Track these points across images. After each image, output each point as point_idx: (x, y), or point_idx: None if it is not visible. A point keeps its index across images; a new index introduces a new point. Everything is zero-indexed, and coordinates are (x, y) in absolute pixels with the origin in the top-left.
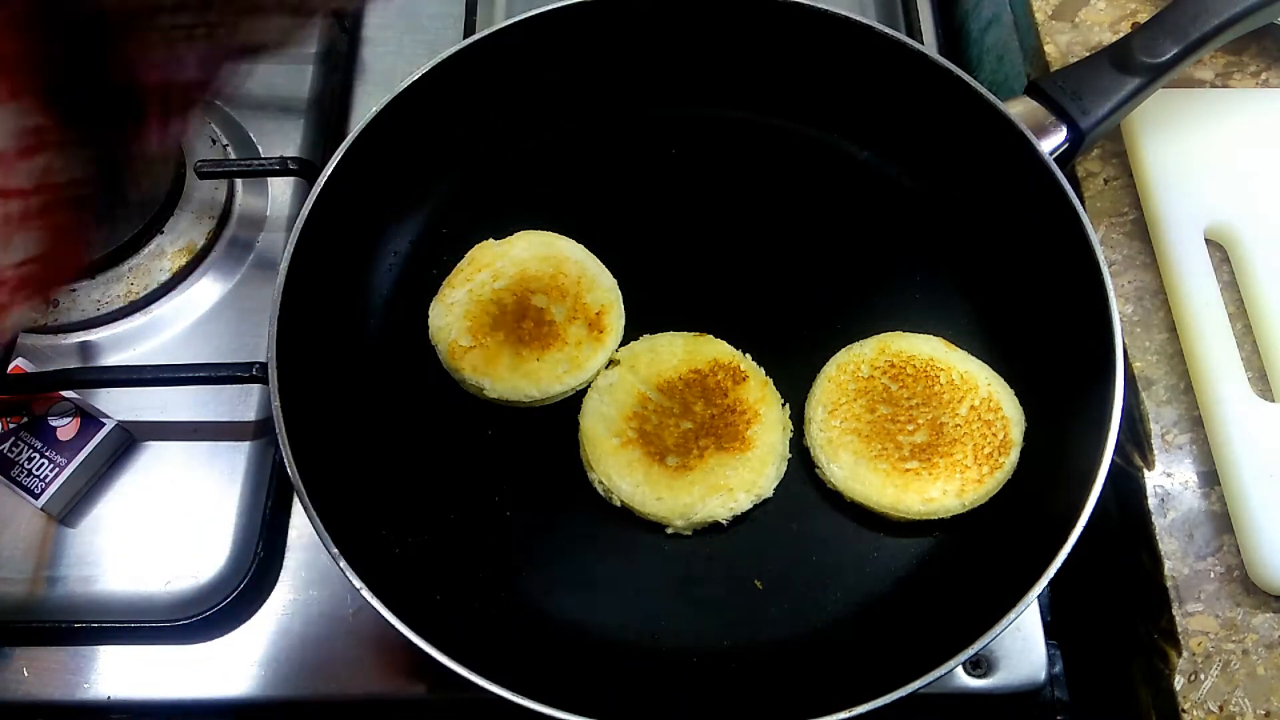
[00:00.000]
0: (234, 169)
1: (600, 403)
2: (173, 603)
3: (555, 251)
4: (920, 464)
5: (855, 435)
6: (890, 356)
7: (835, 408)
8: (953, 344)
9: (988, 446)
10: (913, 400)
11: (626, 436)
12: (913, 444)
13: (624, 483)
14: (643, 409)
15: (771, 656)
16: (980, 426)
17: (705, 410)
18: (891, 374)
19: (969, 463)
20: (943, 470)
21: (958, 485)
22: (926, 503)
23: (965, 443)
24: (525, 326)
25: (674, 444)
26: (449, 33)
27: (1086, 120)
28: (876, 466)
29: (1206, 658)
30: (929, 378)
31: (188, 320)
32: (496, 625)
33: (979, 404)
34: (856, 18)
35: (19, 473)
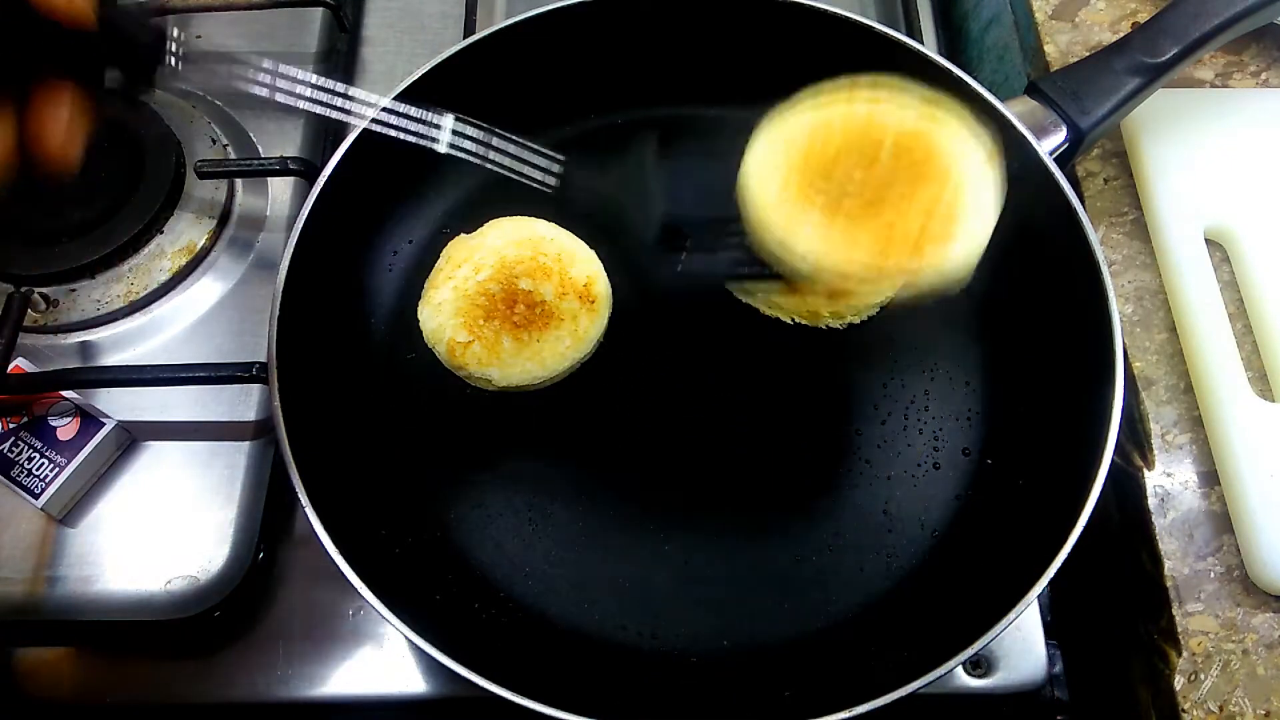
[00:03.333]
0: (234, 169)
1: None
2: (173, 603)
3: (530, 234)
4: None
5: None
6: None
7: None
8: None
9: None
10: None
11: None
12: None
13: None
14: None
15: (771, 656)
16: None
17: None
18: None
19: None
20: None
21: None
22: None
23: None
24: (518, 311)
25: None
26: (449, 33)
27: (1086, 120)
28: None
29: (1206, 658)
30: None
31: (188, 320)
32: (496, 625)
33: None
34: (857, 17)
35: (19, 473)
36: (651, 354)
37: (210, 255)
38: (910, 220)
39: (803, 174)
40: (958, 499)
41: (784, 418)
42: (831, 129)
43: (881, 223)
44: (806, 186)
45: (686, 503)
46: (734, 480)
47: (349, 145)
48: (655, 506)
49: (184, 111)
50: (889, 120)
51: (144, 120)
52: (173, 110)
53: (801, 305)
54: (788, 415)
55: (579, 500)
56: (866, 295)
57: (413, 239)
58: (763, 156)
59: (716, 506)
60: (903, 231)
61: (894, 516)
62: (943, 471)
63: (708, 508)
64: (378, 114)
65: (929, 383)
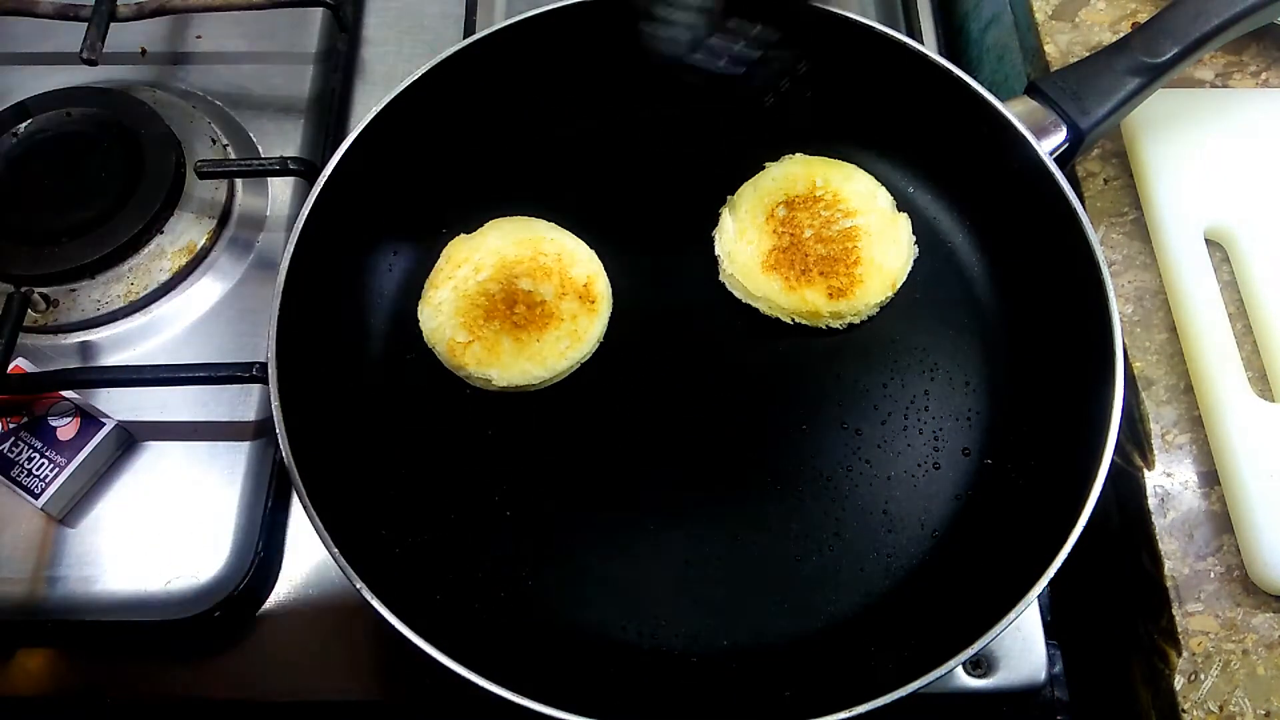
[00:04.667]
0: (234, 169)
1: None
2: (173, 603)
3: (530, 234)
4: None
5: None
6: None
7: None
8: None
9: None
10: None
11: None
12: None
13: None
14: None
15: (771, 656)
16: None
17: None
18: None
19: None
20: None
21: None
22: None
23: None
24: (518, 311)
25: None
26: (449, 33)
27: (1086, 120)
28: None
29: (1206, 658)
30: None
31: (188, 320)
32: (496, 625)
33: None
34: (856, 18)
35: (19, 473)
36: (651, 354)
37: (210, 255)
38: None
39: (768, 241)
40: (958, 499)
41: (784, 418)
42: (784, 199)
43: (822, 277)
44: (783, 266)
45: (686, 502)
46: (734, 480)
47: (349, 145)
48: (655, 506)
49: (184, 111)
50: (832, 189)
51: (144, 120)
52: (173, 110)
53: (801, 305)
54: (788, 415)
55: (579, 500)
56: (860, 302)
57: (413, 239)
58: (733, 225)
59: (716, 506)
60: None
61: (894, 516)
62: (943, 471)
63: (708, 507)
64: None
65: (929, 383)
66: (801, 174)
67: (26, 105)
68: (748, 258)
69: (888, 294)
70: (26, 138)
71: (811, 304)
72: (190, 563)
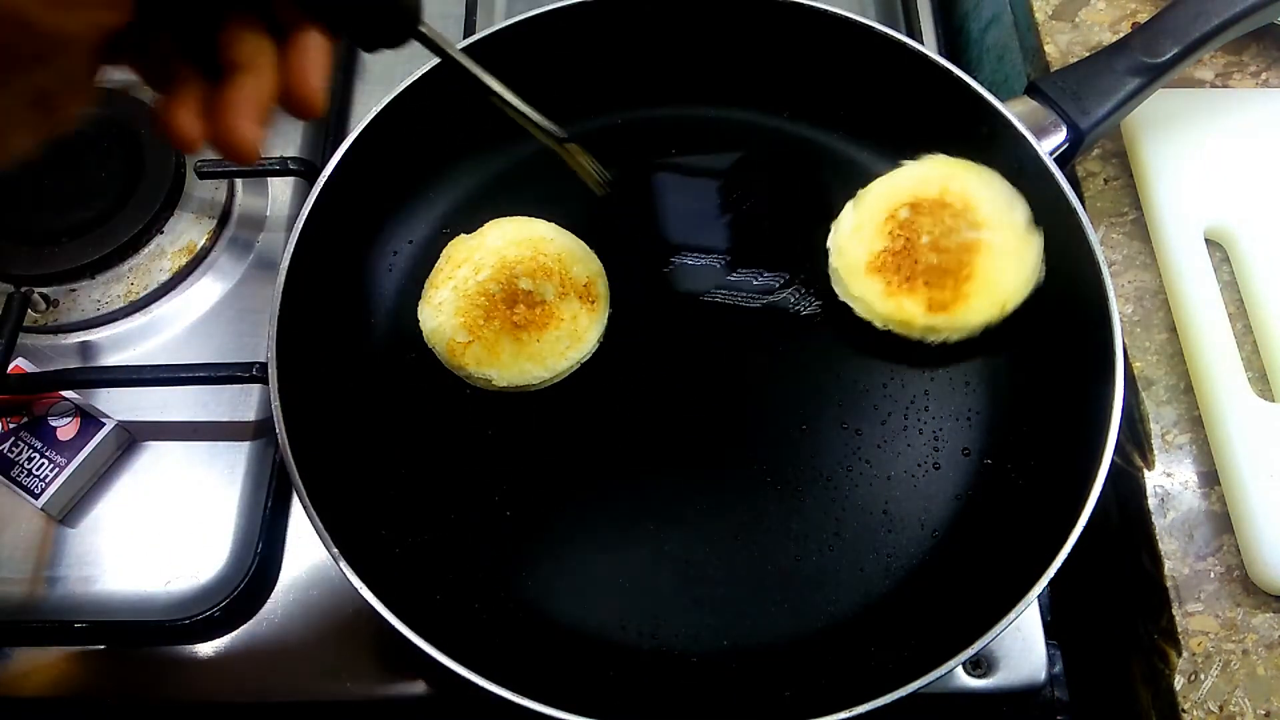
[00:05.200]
0: (234, 169)
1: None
2: (173, 603)
3: (530, 234)
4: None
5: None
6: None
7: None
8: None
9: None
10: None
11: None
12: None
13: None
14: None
15: (771, 656)
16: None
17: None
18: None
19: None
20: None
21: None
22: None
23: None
24: (519, 311)
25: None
26: (449, 33)
27: (1086, 120)
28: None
29: (1206, 658)
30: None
31: (188, 320)
32: (496, 625)
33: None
34: (856, 18)
35: (19, 473)
36: (651, 354)
37: (210, 255)
38: (984, 276)
39: (880, 263)
40: (958, 499)
41: (784, 418)
42: (907, 200)
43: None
44: (888, 270)
45: (686, 502)
46: (734, 480)
47: (349, 145)
48: (655, 506)
49: None
50: (957, 192)
51: (144, 120)
52: None
53: (897, 313)
54: (788, 415)
55: (579, 500)
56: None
57: (413, 239)
58: (853, 220)
59: (717, 506)
60: (983, 286)
61: (894, 516)
62: (943, 471)
63: (708, 507)
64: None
65: (929, 383)
66: (937, 175)
67: None
68: (856, 255)
69: (995, 316)
70: None
71: (907, 314)
72: (190, 563)
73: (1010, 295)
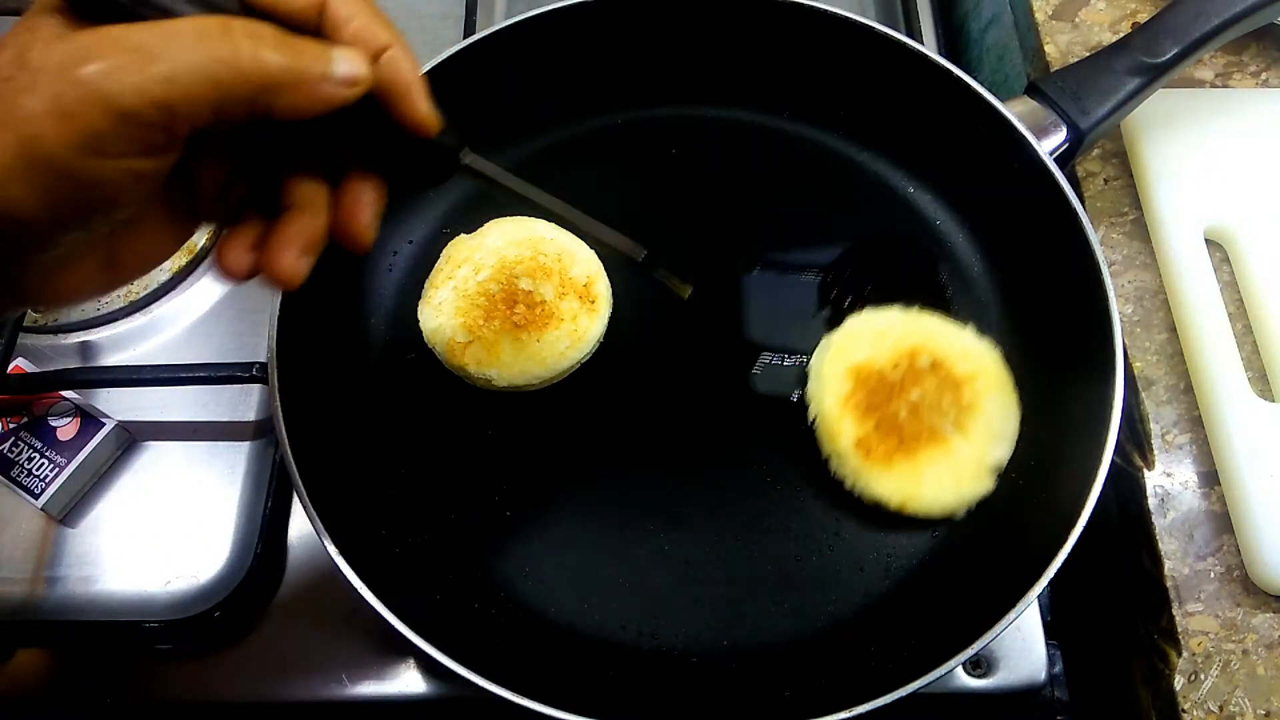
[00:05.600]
0: None
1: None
2: (173, 603)
3: (530, 234)
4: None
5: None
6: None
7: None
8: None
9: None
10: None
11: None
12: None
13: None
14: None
15: (771, 656)
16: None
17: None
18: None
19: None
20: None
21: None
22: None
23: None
24: (519, 311)
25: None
26: (449, 33)
27: (1086, 120)
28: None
29: (1206, 658)
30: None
31: (188, 320)
32: (496, 625)
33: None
34: (856, 18)
35: (19, 473)
36: (651, 354)
37: (210, 255)
38: (917, 462)
39: (865, 373)
40: None
41: (784, 418)
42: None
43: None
44: (862, 383)
45: (686, 502)
46: (734, 480)
47: None
48: (655, 506)
49: None
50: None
51: None
52: None
53: (848, 443)
54: (788, 415)
55: (579, 500)
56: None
57: (413, 239)
58: (829, 371)
59: (717, 506)
60: (908, 467)
61: (894, 516)
62: None
63: (708, 507)
64: None
65: None
66: (902, 335)
67: None
68: (846, 352)
69: (899, 503)
70: None
71: (851, 446)
72: (190, 563)
73: (918, 499)
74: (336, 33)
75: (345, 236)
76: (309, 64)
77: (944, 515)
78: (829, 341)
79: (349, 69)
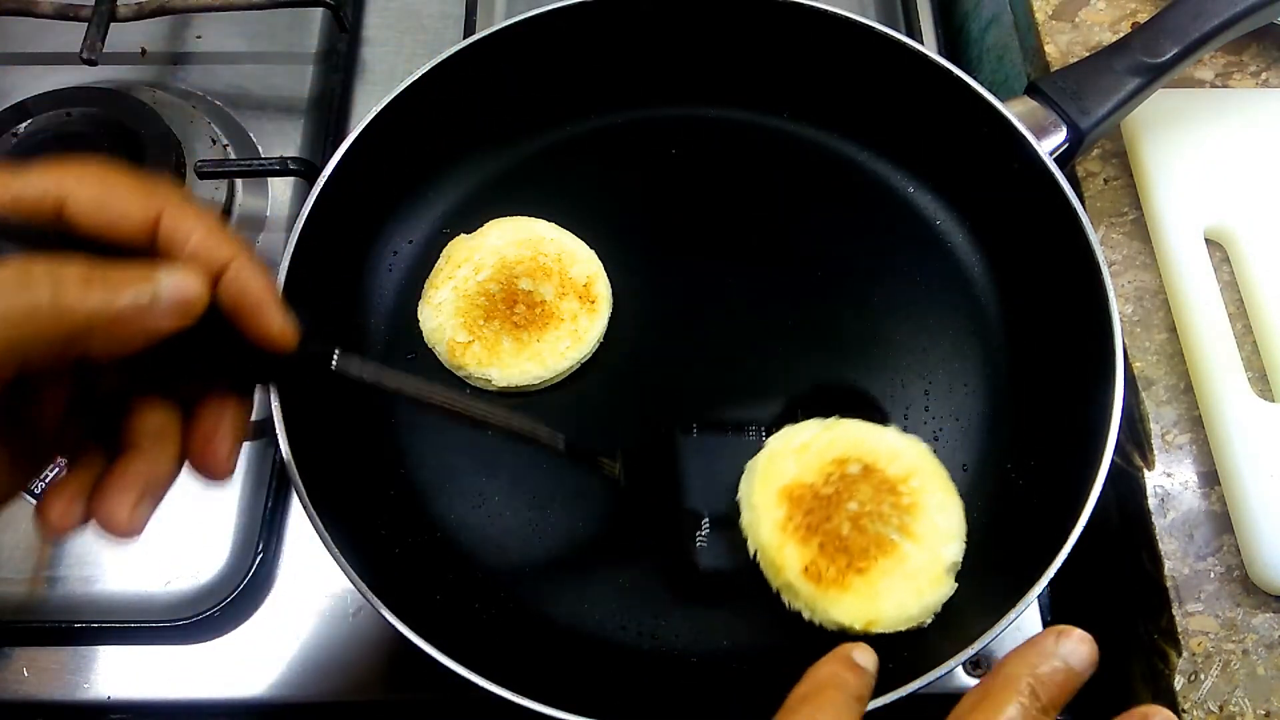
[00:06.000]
0: (234, 169)
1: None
2: (173, 603)
3: (530, 234)
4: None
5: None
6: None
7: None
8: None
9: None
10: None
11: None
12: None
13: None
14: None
15: (771, 656)
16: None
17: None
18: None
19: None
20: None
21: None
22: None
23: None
24: (519, 311)
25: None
26: (449, 33)
27: (1086, 120)
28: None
29: (1206, 658)
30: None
31: None
32: (496, 625)
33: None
34: (856, 18)
35: None
36: (652, 354)
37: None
38: (872, 578)
39: (797, 493)
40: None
41: (784, 418)
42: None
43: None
44: (797, 505)
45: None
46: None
47: (349, 145)
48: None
49: (184, 111)
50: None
51: (144, 120)
52: (173, 110)
53: (776, 548)
54: (787, 415)
55: (579, 500)
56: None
57: (413, 239)
58: (760, 498)
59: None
60: (864, 586)
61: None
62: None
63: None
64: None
65: (928, 384)
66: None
67: (26, 105)
68: (772, 481)
69: (852, 625)
70: (26, 138)
71: (784, 558)
72: (190, 563)
73: (880, 618)
74: (174, 251)
75: (203, 470)
76: (127, 297)
77: (911, 628)
78: (753, 466)
79: (177, 291)
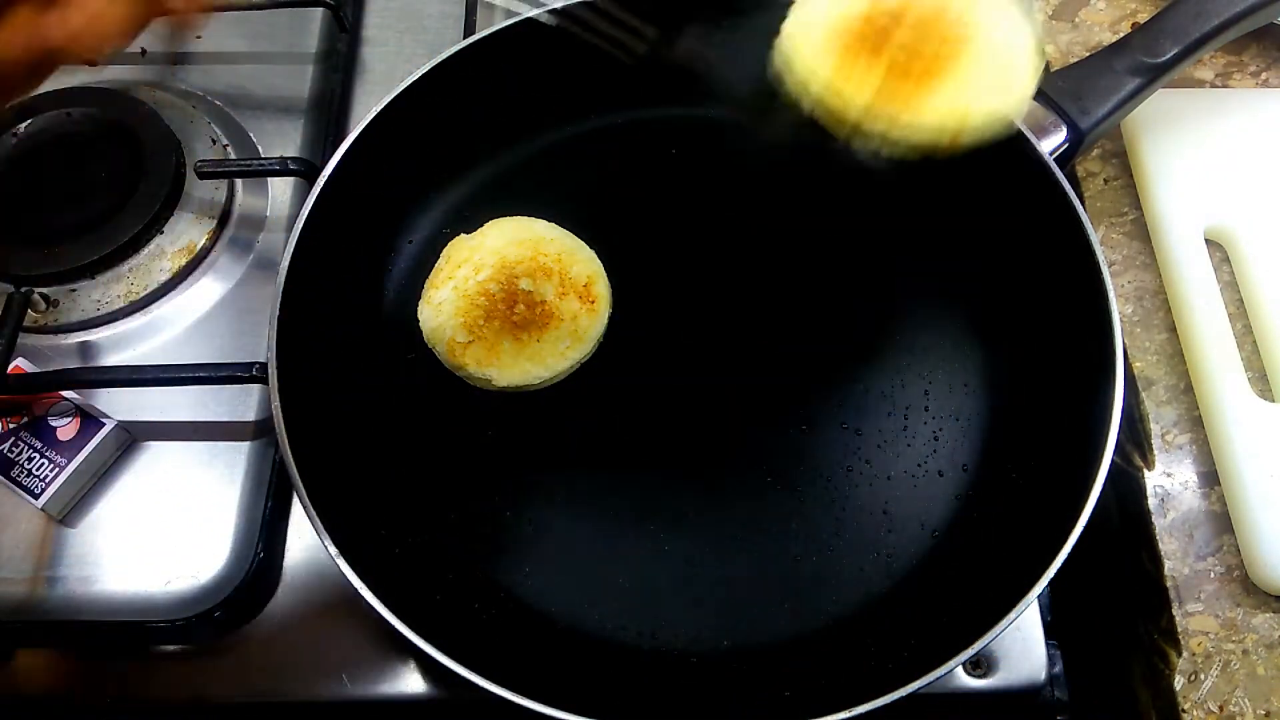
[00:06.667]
0: (234, 169)
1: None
2: (173, 603)
3: (530, 234)
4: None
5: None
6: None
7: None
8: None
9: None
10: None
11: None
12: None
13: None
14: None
15: (771, 656)
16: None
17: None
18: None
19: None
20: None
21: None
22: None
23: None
24: (519, 311)
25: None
26: (449, 33)
27: (1086, 120)
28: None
29: (1206, 658)
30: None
31: (188, 320)
32: (496, 625)
33: None
34: None
35: (19, 473)
36: (651, 354)
37: (210, 255)
38: (956, 72)
39: (846, 29)
40: (958, 499)
41: (784, 418)
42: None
43: (928, 74)
44: (851, 38)
45: (686, 502)
46: (734, 480)
47: (349, 145)
48: (655, 506)
49: (184, 111)
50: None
51: (144, 120)
52: (173, 110)
53: (841, 84)
54: (787, 415)
55: (579, 500)
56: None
57: (413, 239)
58: (803, 44)
59: (717, 506)
60: (949, 82)
61: (894, 516)
62: (942, 472)
63: (708, 507)
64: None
65: (928, 384)
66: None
67: (26, 105)
68: (817, 19)
69: (947, 128)
70: (26, 138)
71: (851, 91)
72: (190, 563)
73: (974, 112)
74: None
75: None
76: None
77: (1004, 124)
78: (789, 27)
79: None
